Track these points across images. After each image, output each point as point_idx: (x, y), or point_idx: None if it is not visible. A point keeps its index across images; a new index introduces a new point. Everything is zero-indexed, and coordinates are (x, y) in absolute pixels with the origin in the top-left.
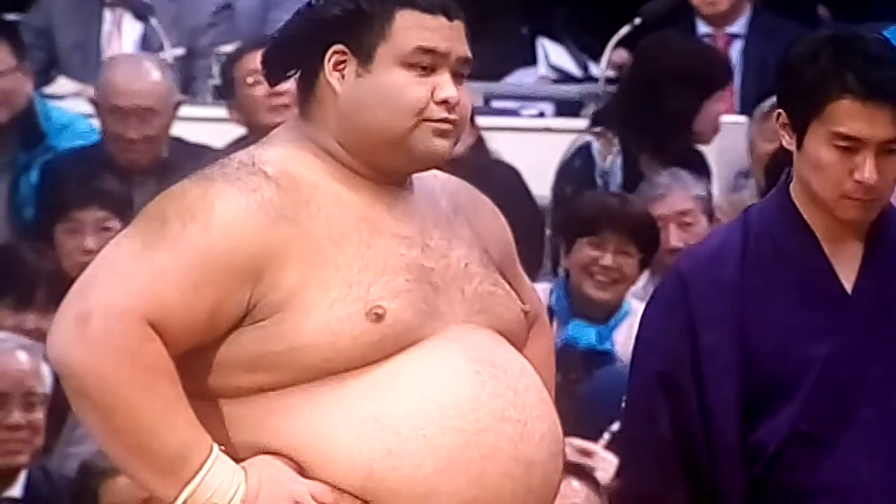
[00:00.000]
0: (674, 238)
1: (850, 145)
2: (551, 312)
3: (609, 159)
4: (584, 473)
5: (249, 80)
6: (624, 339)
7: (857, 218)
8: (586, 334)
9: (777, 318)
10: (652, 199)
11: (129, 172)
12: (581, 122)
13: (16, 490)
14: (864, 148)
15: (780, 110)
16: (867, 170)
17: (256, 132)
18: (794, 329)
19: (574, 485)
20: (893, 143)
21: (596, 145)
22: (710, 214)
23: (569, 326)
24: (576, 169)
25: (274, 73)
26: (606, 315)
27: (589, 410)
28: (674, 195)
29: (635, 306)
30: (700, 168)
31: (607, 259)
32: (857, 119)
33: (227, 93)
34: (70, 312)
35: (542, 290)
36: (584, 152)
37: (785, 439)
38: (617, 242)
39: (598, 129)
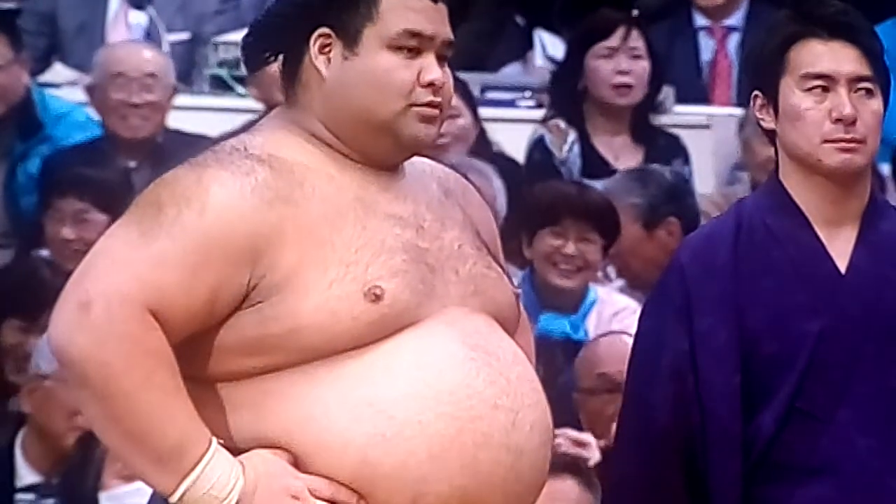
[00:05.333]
0: None
1: (822, 84)
2: None
3: (564, 149)
4: (577, 470)
5: None
6: (594, 326)
7: (844, 164)
8: (559, 325)
9: (771, 298)
10: None
11: (128, 150)
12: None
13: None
14: (836, 86)
15: (755, 92)
16: (842, 104)
17: (272, 110)
18: (788, 308)
19: (568, 482)
20: (865, 82)
21: (549, 136)
22: (647, 223)
23: (540, 319)
24: (537, 163)
25: (254, 57)
26: (574, 304)
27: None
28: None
29: (601, 294)
30: (674, 152)
31: (569, 247)
32: (821, 57)
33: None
34: (71, 301)
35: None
36: (539, 145)
37: (783, 417)
38: (578, 230)
39: (550, 121)
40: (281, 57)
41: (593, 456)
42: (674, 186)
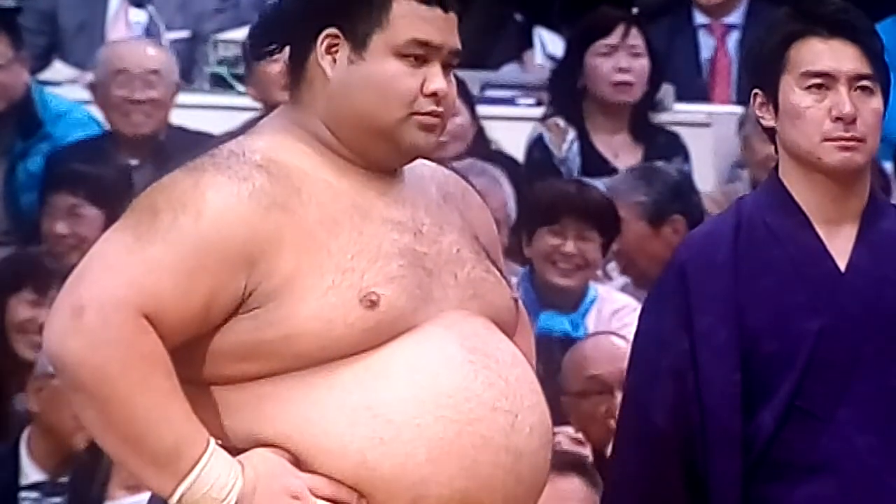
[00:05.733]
0: None
1: (822, 82)
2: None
3: (563, 147)
4: (584, 469)
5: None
6: (594, 324)
7: (843, 163)
8: (559, 323)
9: (771, 297)
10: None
11: (130, 147)
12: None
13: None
14: (836, 84)
15: (755, 90)
16: (842, 103)
17: (270, 109)
18: (788, 307)
19: (574, 481)
20: (865, 80)
21: (547, 135)
22: (652, 221)
23: (540, 317)
24: (537, 161)
25: (260, 48)
26: (574, 303)
27: None
28: (614, 200)
29: (601, 292)
30: (674, 150)
31: (569, 246)
32: (821, 55)
33: (247, 70)
34: (64, 305)
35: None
36: (539, 144)
37: (783, 415)
38: (577, 229)
39: (549, 119)
40: (287, 51)
41: (591, 454)
42: (679, 184)
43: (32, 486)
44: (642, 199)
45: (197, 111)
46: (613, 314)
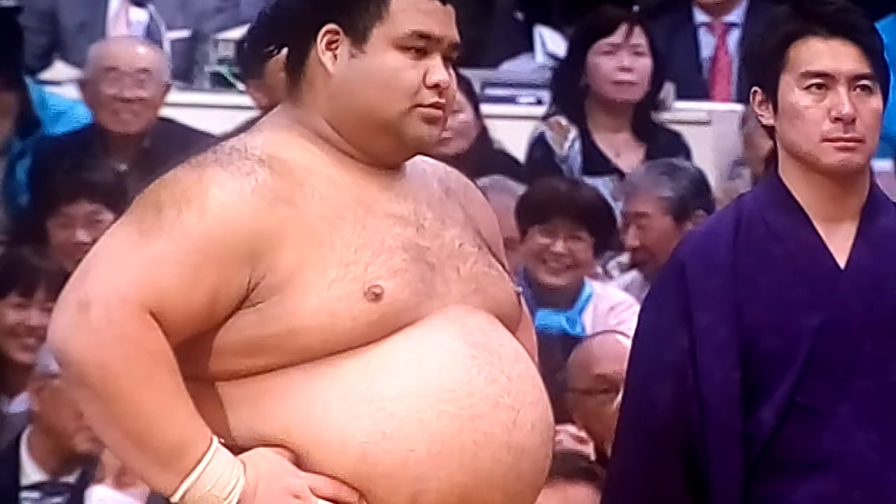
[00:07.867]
0: (630, 237)
1: (822, 82)
2: None
3: (565, 146)
4: (593, 476)
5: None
6: (591, 321)
7: (842, 164)
8: (556, 321)
9: (771, 294)
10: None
11: (117, 145)
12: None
13: (72, 477)
14: (836, 84)
15: (754, 88)
16: (841, 103)
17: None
18: (787, 304)
19: (583, 489)
20: (865, 80)
21: (549, 133)
22: (677, 216)
23: (536, 316)
24: (538, 160)
25: (258, 49)
26: (570, 300)
27: None
28: (637, 195)
29: (597, 289)
30: (675, 148)
31: (559, 246)
32: (821, 55)
33: (247, 73)
34: (70, 301)
35: None
36: (540, 142)
37: (783, 412)
38: (568, 228)
39: (551, 118)
40: (286, 52)
41: (592, 452)
42: (699, 180)
43: (33, 487)
44: (668, 194)
45: (197, 110)
46: (610, 311)
